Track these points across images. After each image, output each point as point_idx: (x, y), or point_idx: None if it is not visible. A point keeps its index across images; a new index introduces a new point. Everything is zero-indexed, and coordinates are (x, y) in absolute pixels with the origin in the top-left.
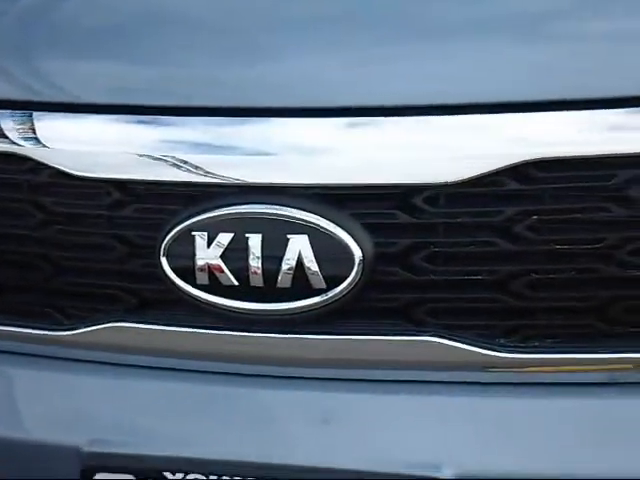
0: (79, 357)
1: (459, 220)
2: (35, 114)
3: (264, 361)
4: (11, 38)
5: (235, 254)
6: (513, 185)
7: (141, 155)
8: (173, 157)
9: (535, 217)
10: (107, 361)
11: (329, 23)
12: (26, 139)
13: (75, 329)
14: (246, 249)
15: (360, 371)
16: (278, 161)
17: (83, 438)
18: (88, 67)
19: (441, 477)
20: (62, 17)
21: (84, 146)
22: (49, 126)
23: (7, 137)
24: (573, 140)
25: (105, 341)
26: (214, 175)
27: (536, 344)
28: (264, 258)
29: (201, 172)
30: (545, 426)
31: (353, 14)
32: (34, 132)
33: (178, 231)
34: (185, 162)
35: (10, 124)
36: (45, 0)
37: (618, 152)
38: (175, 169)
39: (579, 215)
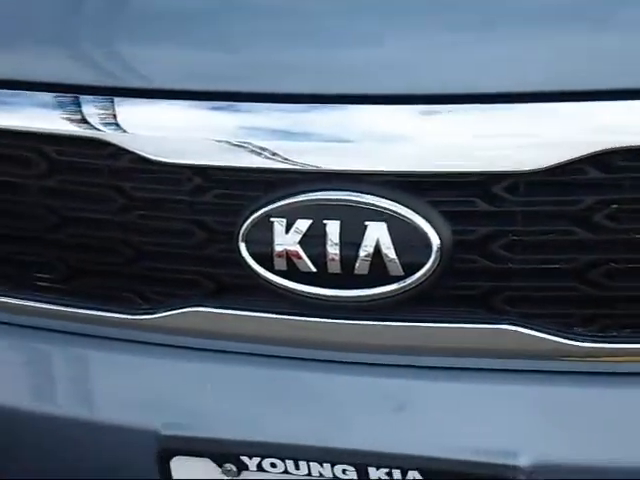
0: (157, 341)
1: (538, 209)
2: (116, 100)
3: (340, 347)
4: (91, 24)
5: (313, 240)
6: (594, 174)
7: (220, 141)
8: (251, 143)
9: (615, 206)
10: (185, 345)
11: (408, 9)
12: (107, 124)
13: (154, 313)
14: (324, 236)
15: (436, 359)
16: (356, 148)
17: (160, 421)
18: (168, 53)
19: (518, 464)
20: (142, 3)
21: (164, 132)
22: (130, 112)
23: (88, 122)
24: None
25: (183, 325)
26: (292, 162)
27: (614, 334)
28: (342, 245)
29: (279, 159)
30: (621, 415)
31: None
32: (115, 118)
33: (257, 217)
34: (263, 149)
35: (92, 110)
36: None
37: None
38: (254, 155)
39: None
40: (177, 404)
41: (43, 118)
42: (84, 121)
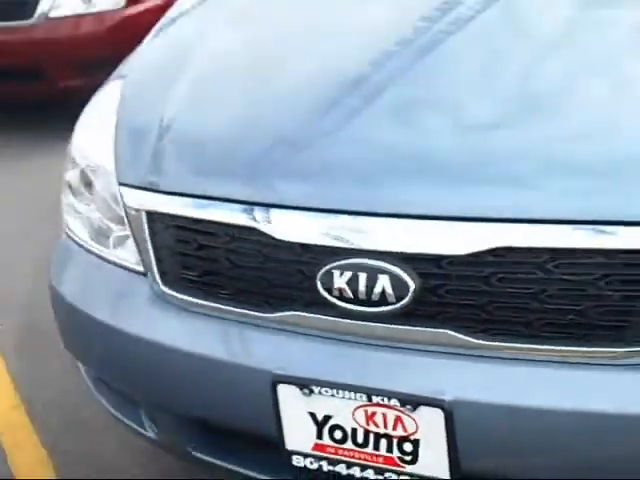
0: (275, 327)
1: (462, 273)
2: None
3: (362, 336)
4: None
5: (352, 283)
6: (489, 258)
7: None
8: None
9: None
10: (288, 330)
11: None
12: (262, 221)
13: (274, 312)
14: (357, 280)
15: (409, 344)
16: (374, 242)
17: (274, 366)
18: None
19: (444, 398)
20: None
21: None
22: (275, 214)
23: (255, 219)
24: None
25: (291, 320)
26: (348, 242)
27: (496, 337)
28: (367, 285)
29: (341, 242)
30: (499, 375)
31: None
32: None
33: (325, 269)
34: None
35: (257, 214)
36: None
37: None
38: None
39: None
40: (280, 358)
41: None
42: (253, 219)
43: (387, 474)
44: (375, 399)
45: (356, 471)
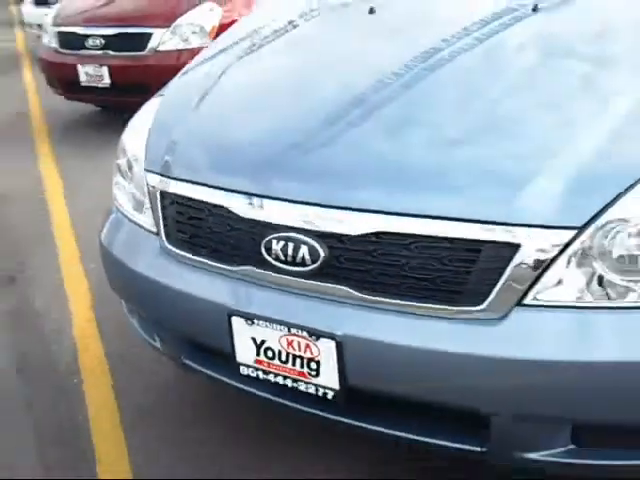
0: (235, 277)
1: (351, 247)
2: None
3: (287, 286)
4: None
5: (284, 249)
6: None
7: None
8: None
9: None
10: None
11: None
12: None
13: (235, 267)
14: (287, 248)
15: (317, 293)
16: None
17: (230, 303)
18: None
19: (337, 333)
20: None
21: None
22: None
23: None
24: None
25: (245, 273)
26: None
27: (376, 292)
28: (294, 252)
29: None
30: (380, 320)
31: None
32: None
33: (267, 239)
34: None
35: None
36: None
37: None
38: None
39: None
40: (235, 298)
41: (209, 197)
42: (224, 200)
43: (299, 383)
44: (293, 330)
45: (280, 380)
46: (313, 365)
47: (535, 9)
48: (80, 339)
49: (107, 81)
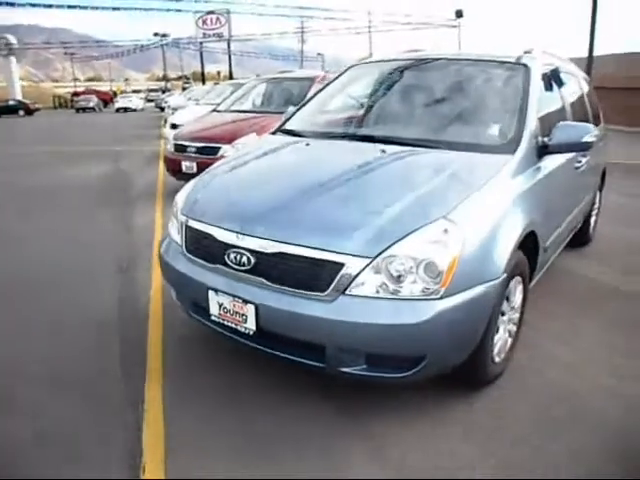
0: (213, 270)
1: (268, 261)
2: None
3: (239, 278)
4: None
5: (235, 257)
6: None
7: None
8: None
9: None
10: (216, 271)
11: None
12: None
13: (214, 264)
14: (237, 256)
15: (251, 282)
16: (242, 242)
17: (210, 284)
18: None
19: (255, 301)
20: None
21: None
22: None
23: None
24: None
25: (218, 268)
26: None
27: (285, 286)
28: (239, 259)
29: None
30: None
31: None
32: None
33: (228, 251)
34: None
35: None
36: None
37: None
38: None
39: None
40: (210, 280)
41: (204, 229)
42: (210, 230)
43: (238, 325)
44: (236, 299)
45: (229, 324)
46: (244, 317)
47: (384, 151)
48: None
49: (195, 170)
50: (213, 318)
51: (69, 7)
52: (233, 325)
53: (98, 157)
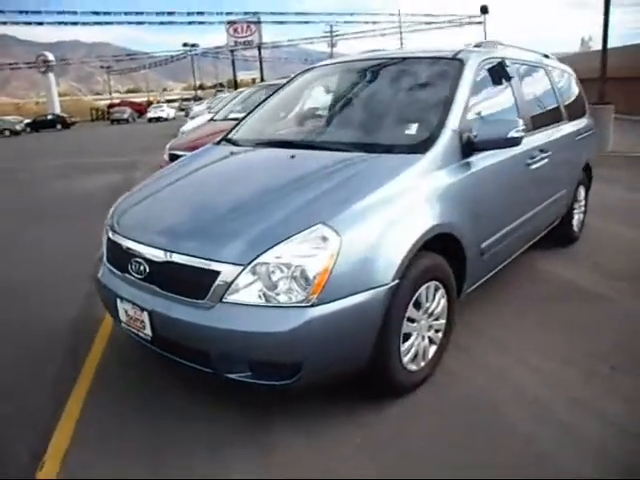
0: (121, 277)
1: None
2: None
3: (137, 285)
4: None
5: (135, 265)
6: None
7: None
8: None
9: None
10: (124, 279)
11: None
12: None
13: (122, 273)
14: (137, 265)
15: (147, 290)
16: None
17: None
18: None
19: (148, 308)
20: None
21: None
22: None
23: None
24: None
25: (125, 276)
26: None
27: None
28: (138, 267)
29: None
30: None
31: None
32: None
33: (131, 260)
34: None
35: None
36: None
37: None
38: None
39: None
40: (118, 287)
41: (120, 240)
42: (119, 241)
43: (139, 331)
44: (135, 306)
45: (133, 329)
46: (143, 323)
47: (293, 157)
48: None
49: None
50: (123, 325)
51: (106, 23)
52: (136, 331)
53: (116, 168)
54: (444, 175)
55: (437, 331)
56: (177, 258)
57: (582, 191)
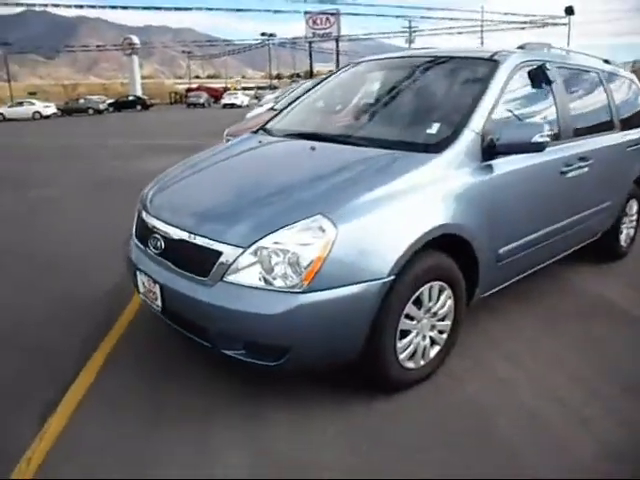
0: (144, 251)
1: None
2: None
3: (155, 259)
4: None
5: (153, 241)
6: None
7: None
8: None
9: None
10: (146, 253)
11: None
12: None
13: (145, 247)
14: (155, 240)
15: (162, 264)
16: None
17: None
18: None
19: (160, 281)
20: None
21: None
22: None
23: None
24: None
25: (147, 251)
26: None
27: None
28: (157, 243)
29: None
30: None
31: None
32: None
33: (152, 235)
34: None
35: None
36: None
37: None
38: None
39: None
40: (138, 260)
41: (146, 218)
42: (147, 219)
43: (153, 301)
44: (150, 278)
45: (149, 298)
46: (155, 295)
47: (313, 148)
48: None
49: None
50: (141, 295)
51: (188, 9)
52: (150, 302)
53: (179, 150)
54: (460, 176)
55: (441, 332)
56: (187, 237)
57: (635, 205)
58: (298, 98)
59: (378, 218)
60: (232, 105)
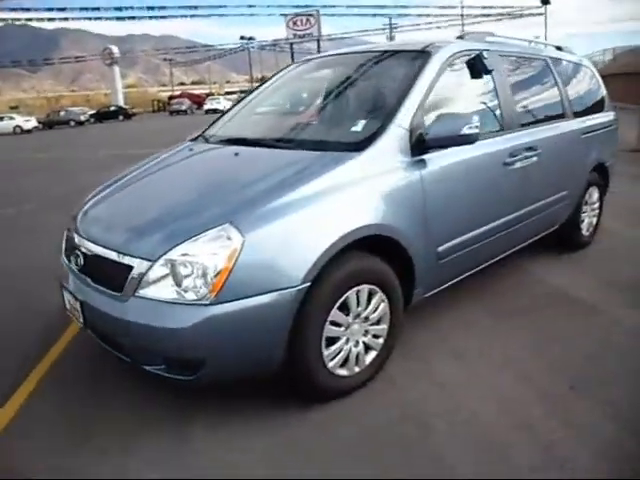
0: (68, 266)
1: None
2: None
3: (77, 275)
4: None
5: (75, 259)
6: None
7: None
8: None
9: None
10: (70, 269)
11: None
12: None
13: (69, 262)
14: (76, 257)
15: (82, 279)
16: (83, 246)
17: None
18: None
19: (80, 298)
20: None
21: None
22: None
23: None
24: None
25: (70, 266)
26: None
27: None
28: (78, 259)
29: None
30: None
31: None
32: None
33: (74, 252)
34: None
35: None
36: None
37: None
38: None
39: None
40: (64, 277)
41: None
42: (73, 235)
43: (76, 319)
44: (72, 295)
45: (74, 316)
46: (77, 311)
47: (237, 154)
48: None
49: None
50: (67, 313)
51: (171, 17)
52: (75, 318)
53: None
54: (387, 174)
55: (377, 337)
56: (102, 251)
57: (595, 193)
58: (239, 102)
59: (290, 223)
60: (215, 110)
